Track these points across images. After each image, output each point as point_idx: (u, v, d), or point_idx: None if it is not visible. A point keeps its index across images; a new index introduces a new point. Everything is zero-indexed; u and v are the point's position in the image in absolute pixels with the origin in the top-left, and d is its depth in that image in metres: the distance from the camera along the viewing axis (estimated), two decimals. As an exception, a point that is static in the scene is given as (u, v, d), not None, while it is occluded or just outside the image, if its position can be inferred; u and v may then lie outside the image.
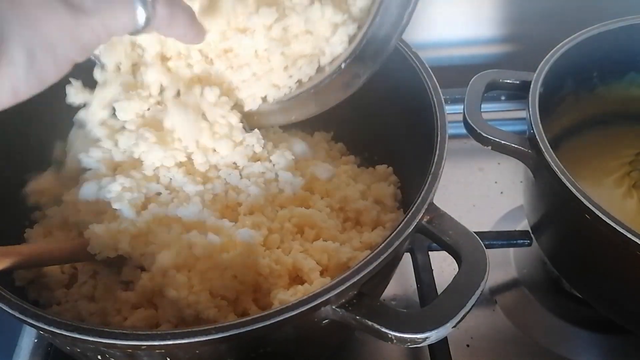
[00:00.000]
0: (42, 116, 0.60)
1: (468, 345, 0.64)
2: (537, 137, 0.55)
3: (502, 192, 0.79)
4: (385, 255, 0.42)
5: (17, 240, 0.56)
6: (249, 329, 0.38)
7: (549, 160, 0.54)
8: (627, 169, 0.68)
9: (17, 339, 0.62)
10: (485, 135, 0.59)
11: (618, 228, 0.48)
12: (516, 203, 0.76)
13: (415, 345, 0.41)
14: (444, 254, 0.47)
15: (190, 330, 0.38)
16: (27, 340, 0.62)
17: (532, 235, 0.67)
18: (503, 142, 0.59)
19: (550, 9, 0.86)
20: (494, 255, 0.69)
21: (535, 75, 0.61)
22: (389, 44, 0.51)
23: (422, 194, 0.46)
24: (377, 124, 0.65)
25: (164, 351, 0.40)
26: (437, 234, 0.46)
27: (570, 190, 0.51)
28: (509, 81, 0.63)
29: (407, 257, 0.67)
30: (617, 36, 0.66)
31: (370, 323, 0.41)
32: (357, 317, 0.41)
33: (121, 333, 0.39)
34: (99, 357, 0.43)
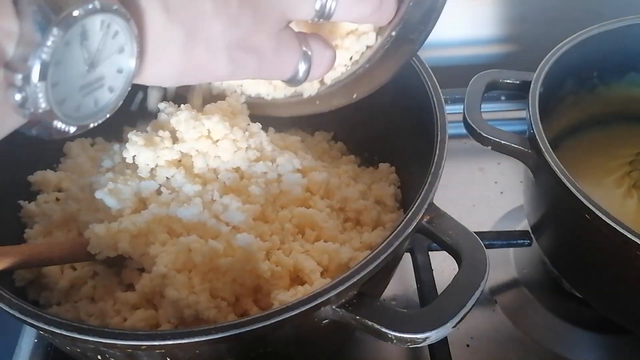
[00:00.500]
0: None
1: (468, 345, 0.64)
2: (537, 137, 0.55)
3: (502, 192, 0.79)
4: (385, 255, 0.42)
5: (17, 240, 0.56)
6: (248, 329, 0.38)
7: (549, 160, 0.54)
8: (627, 169, 0.68)
9: (17, 339, 0.62)
10: (485, 135, 0.59)
11: (618, 228, 0.48)
12: (516, 203, 0.76)
13: (415, 345, 0.41)
14: (444, 254, 0.47)
15: (190, 330, 0.38)
16: (27, 340, 0.62)
17: (532, 235, 0.67)
18: (503, 142, 0.58)
19: (550, 9, 0.86)
20: (494, 255, 0.69)
21: (535, 75, 0.61)
22: (426, 26, 0.51)
23: (422, 194, 0.46)
24: (377, 123, 0.65)
25: (164, 351, 0.40)
26: (437, 234, 0.46)
27: (570, 190, 0.51)
28: (509, 81, 0.63)
29: (407, 257, 0.66)
30: (617, 36, 0.66)
31: (370, 323, 0.41)
32: (357, 317, 0.41)
33: (121, 333, 0.39)
34: (99, 357, 0.43)
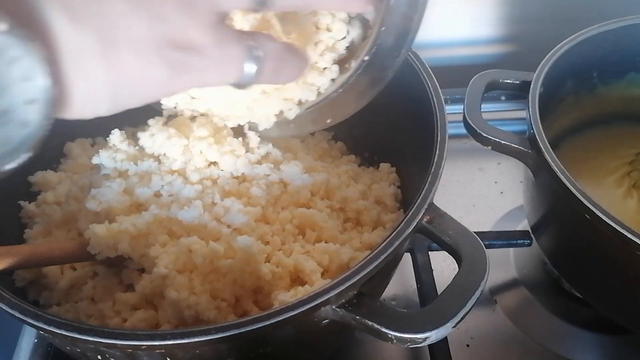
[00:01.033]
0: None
1: (468, 345, 0.64)
2: (537, 137, 0.55)
3: (502, 192, 0.79)
4: (385, 255, 0.42)
5: (17, 240, 0.56)
6: (248, 329, 0.38)
7: (549, 160, 0.54)
8: (627, 169, 0.68)
9: (17, 339, 0.62)
10: (485, 135, 0.59)
11: (618, 228, 0.48)
12: (516, 203, 0.76)
13: (415, 345, 0.41)
14: (444, 254, 0.47)
15: (190, 330, 0.38)
16: (27, 340, 0.62)
17: (532, 235, 0.67)
18: (503, 142, 0.58)
19: (550, 9, 0.85)
20: (494, 255, 0.69)
21: (535, 75, 0.61)
22: (399, 52, 0.49)
23: (422, 193, 0.46)
24: (377, 123, 0.65)
25: (164, 351, 0.40)
26: (437, 234, 0.46)
27: (570, 190, 0.51)
28: (509, 81, 0.63)
29: (407, 257, 0.67)
30: (617, 36, 0.66)
31: (370, 323, 0.41)
32: (357, 317, 0.41)
33: (121, 333, 0.39)
34: (99, 357, 0.43)
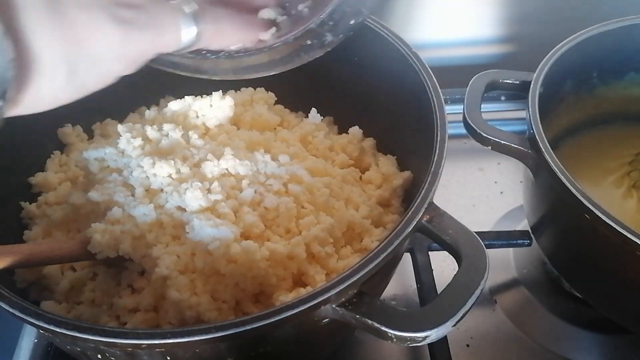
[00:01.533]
0: (43, 117, 0.60)
1: (468, 345, 0.64)
2: (537, 137, 0.55)
3: (502, 192, 0.79)
4: (385, 254, 0.42)
5: (17, 240, 0.56)
6: (248, 328, 0.38)
7: (549, 160, 0.54)
8: (627, 169, 0.68)
9: (17, 338, 0.62)
10: (485, 135, 0.59)
11: (618, 228, 0.48)
12: (516, 203, 0.76)
13: (415, 344, 0.41)
14: (444, 254, 0.47)
15: (190, 329, 0.38)
16: (28, 340, 0.62)
17: (532, 235, 0.67)
18: (503, 142, 0.58)
19: (550, 9, 0.86)
20: (494, 255, 0.68)
21: (535, 75, 0.61)
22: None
23: (422, 193, 0.46)
24: (377, 124, 0.65)
25: (164, 350, 0.40)
26: (437, 233, 0.46)
27: (570, 190, 0.51)
28: (509, 81, 0.63)
29: (407, 257, 0.67)
30: (617, 36, 0.66)
31: (370, 322, 0.41)
32: (357, 316, 0.41)
33: (121, 332, 0.39)
34: (99, 357, 0.43)
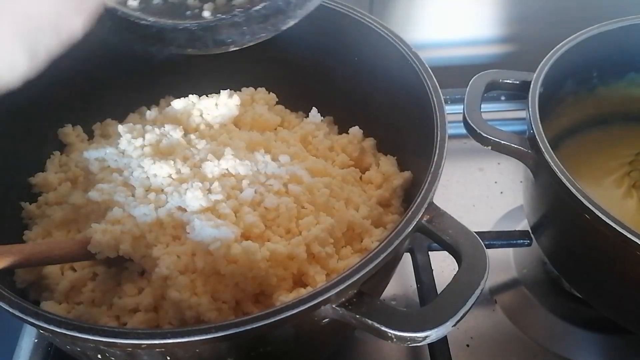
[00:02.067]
0: (42, 117, 0.60)
1: (468, 345, 0.64)
2: (537, 137, 0.55)
3: (502, 192, 0.79)
4: (385, 254, 0.42)
5: (17, 240, 0.56)
6: (248, 328, 0.38)
7: (549, 160, 0.54)
8: (627, 169, 0.68)
9: (17, 339, 0.62)
10: (485, 135, 0.59)
11: (618, 228, 0.48)
12: (516, 203, 0.76)
13: (415, 344, 0.41)
14: (444, 254, 0.47)
15: (190, 329, 0.38)
16: (28, 340, 0.62)
17: (532, 235, 0.67)
18: (503, 142, 0.58)
19: (550, 9, 0.86)
20: (494, 255, 0.68)
21: (535, 75, 0.61)
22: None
23: (422, 193, 0.46)
24: (377, 124, 0.65)
25: (164, 350, 0.40)
26: (437, 233, 0.46)
27: (570, 190, 0.51)
28: (509, 81, 0.63)
29: (407, 257, 0.67)
30: (617, 36, 0.66)
31: (370, 322, 0.41)
32: (357, 316, 0.41)
33: (121, 331, 0.39)
34: (99, 357, 0.43)
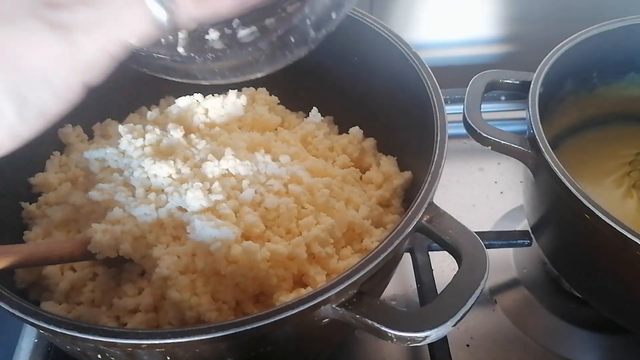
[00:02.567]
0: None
1: (468, 345, 0.64)
2: (537, 137, 0.55)
3: (502, 192, 0.79)
4: (385, 254, 0.42)
5: (17, 240, 0.56)
6: (248, 328, 0.38)
7: (549, 160, 0.54)
8: (627, 169, 0.68)
9: (17, 339, 0.62)
10: (485, 135, 0.59)
11: (618, 228, 0.48)
12: (516, 203, 0.76)
13: (415, 344, 0.41)
14: (444, 254, 0.47)
15: (190, 329, 0.38)
16: (28, 340, 0.62)
17: (532, 235, 0.67)
18: (503, 142, 0.58)
19: (550, 9, 0.86)
20: (494, 255, 0.69)
21: (535, 75, 0.61)
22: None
23: (422, 193, 0.46)
24: (377, 123, 0.65)
25: (164, 350, 0.40)
26: (437, 233, 0.46)
27: (570, 190, 0.51)
28: (509, 81, 0.63)
29: (407, 257, 0.67)
30: (617, 36, 0.66)
31: (370, 322, 0.41)
32: (357, 316, 0.41)
33: (121, 332, 0.39)
34: (99, 357, 0.43)
